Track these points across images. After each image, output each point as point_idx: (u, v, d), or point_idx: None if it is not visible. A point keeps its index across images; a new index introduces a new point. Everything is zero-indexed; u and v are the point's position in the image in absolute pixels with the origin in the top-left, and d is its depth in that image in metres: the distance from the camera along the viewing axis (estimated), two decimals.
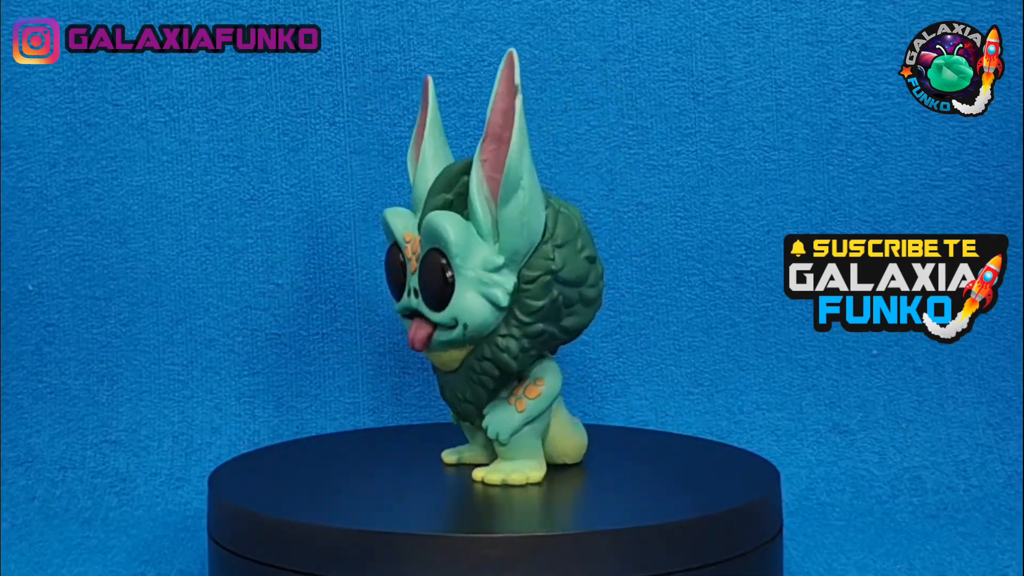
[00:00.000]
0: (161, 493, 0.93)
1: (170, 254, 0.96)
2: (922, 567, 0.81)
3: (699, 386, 0.97)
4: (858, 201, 0.97)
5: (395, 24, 0.96)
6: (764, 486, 0.73)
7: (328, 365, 0.96)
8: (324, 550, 0.66)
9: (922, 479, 0.94)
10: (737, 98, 0.97)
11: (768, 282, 0.97)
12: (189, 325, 0.96)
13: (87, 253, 0.96)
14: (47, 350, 0.96)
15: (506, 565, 0.63)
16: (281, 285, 0.96)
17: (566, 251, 0.71)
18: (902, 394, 0.97)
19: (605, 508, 0.70)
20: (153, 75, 0.96)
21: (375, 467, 0.77)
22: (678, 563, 0.66)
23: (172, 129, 0.96)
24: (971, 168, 0.98)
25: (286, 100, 0.96)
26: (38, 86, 0.96)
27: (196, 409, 0.96)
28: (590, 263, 0.72)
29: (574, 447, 0.76)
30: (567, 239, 0.71)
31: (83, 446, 0.95)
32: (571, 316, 0.72)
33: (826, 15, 0.97)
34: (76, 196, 0.96)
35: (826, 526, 0.88)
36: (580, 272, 0.72)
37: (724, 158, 0.97)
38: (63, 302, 0.96)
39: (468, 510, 0.70)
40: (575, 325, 0.73)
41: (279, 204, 0.96)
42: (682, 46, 0.97)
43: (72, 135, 0.96)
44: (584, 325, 0.73)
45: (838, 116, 0.97)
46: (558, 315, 0.72)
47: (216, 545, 0.71)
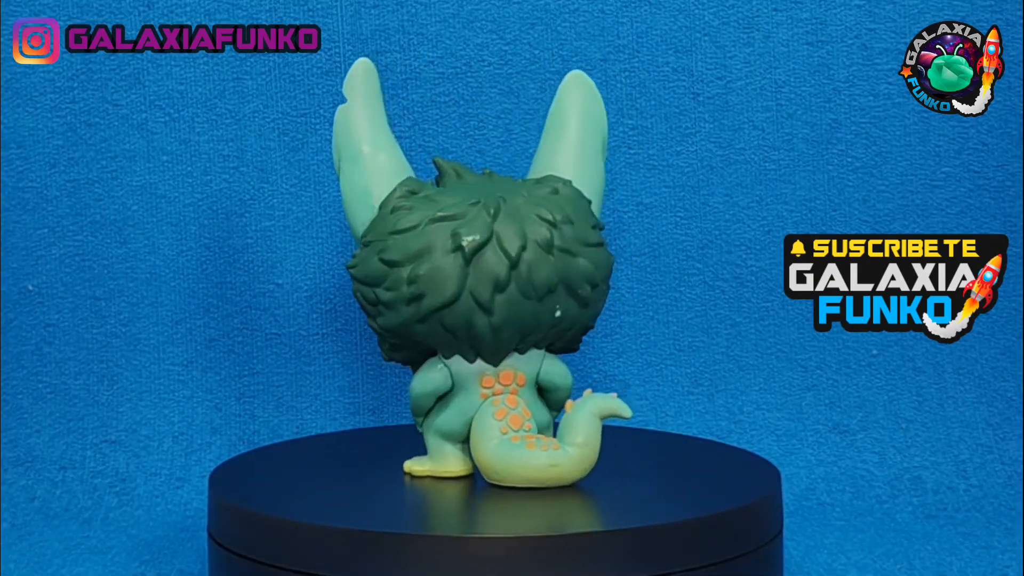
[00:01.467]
0: (161, 493, 0.93)
1: (170, 254, 0.96)
2: (922, 567, 0.81)
3: (699, 386, 0.97)
4: (858, 201, 0.97)
5: (395, 24, 0.96)
6: (764, 486, 0.72)
7: (328, 365, 0.96)
8: (324, 550, 0.65)
9: (922, 479, 0.94)
10: (737, 98, 0.97)
11: (768, 282, 0.97)
12: (189, 325, 0.96)
13: (87, 253, 0.96)
14: (47, 350, 0.96)
15: (506, 565, 0.63)
16: (281, 285, 0.96)
17: (366, 251, 0.72)
18: (902, 394, 0.97)
19: (604, 508, 0.70)
20: (153, 75, 0.96)
21: (375, 467, 0.77)
22: (678, 563, 0.66)
23: (172, 129, 0.96)
24: (971, 168, 0.98)
25: (286, 100, 0.96)
26: (38, 86, 0.96)
27: (196, 409, 0.96)
28: (387, 266, 0.71)
29: (499, 469, 0.72)
30: (373, 239, 0.72)
31: (83, 446, 0.95)
32: (381, 316, 0.73)
33: (826, 15, 0.97)
34: (76, 196, 0.96)
35: (826, 526, 0.88)
36: (371, 273, 0.72)
37: (724, 158, 0.97)
38: (63, 302, 0.96)
39: (468, 510, 0.70)
40: (388, 325, 0.73)
41: (279, 204, 0.96)
42: (682, 46, 0.97)
43: (72, 135, 0.96)
44: (397, 325, 0.72)
45: (838, 116, 0.97)
46: (371, 313, 0.73)
47: (216, 545, 0.71)
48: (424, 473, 0.74)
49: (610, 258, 0.74)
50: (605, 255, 0.74)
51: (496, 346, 0.72)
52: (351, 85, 0.76)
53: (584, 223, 0.73)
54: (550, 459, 0.70)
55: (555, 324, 0.72)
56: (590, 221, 0.73)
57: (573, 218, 0.72)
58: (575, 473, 0.71)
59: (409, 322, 0.72)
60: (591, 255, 0.72)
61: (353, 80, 0.76)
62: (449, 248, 0.70)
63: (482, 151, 0.96)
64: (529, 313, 0.71)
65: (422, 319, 0.71)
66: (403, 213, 0.72)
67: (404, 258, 0.71)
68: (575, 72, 0.77)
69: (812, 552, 0.83)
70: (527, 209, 0.72)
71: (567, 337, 0.74)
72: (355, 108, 0.76)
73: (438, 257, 0.71)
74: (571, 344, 0.76)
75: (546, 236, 0.71)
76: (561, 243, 0.71)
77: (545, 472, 0.70)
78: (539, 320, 0.72)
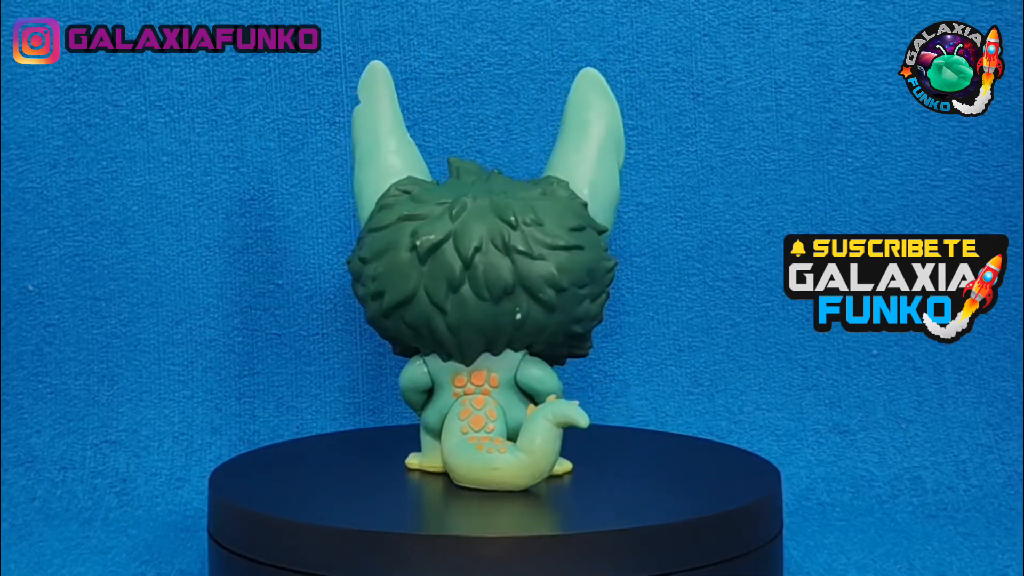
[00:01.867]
0: (161, 493, 0.93)
1: (170, 254, 0.96)
2: (922, 567, 0.80)
3: (699, 386, 0.97)
4: (858, 201, 0.97)
5: (395, 24, 0.96)
6: (764, 486, 0.72)
7: (328, 365, 0.96)
8: (324, 550, 0.65)
9: (922, 479, 0.94)
10: (737, 98, 0.97)
11: (768, 282, 0.97)
12: (189, 325, 0.96)
13: (87, 254, 0.96)
14: (47, 350, 0.96)
15: (505, 565, 0.63)
16: (281, 285, 0.96)
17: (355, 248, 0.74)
18: (902, 394, 0.97)
19: (605, 508, 0.69)
20: (153, 76, 0.96)
21: (375, 467, 0.77)
22: (679, 563, 0.66)
23: (172, 130, 0.96)
24: (971, 168, 0.98)
25: (286, 100, 0.96)
26: (38, 87, 0.96)
27: (196, 409, 0.96)
28: (361, 263, 0.73)
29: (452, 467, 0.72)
30: (360, 236, 0.74)
31: (83, 446, 0.95)
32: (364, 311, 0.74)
33: (826, 15, 0.97)
34: (76, 197, 0.96)
35: (826, 526, 0.88)
36: (353, 269, 0.74)
37: (724, 158, 0.97)
38: (63, 302, 0.96)
39: (467, 511, 0.70)
40: (367, 319, 0.74)
41: (279, 204, 0.96)
42: (682, 46, 0.97)
43: (72, 136, 0.96)
44: (370, 320, 0.74)
45: (838, 116, 0.97)
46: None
47: (216, 545, 0.71)
48: (415, 467, 0.75)
49: (594, 262, 0.73)
50: (579, 259, 0.72)
51: (459, 346, 0.72)
52: (365, 87, 0.77)
53: (559, 226, 0.72)
54: (488, 462, 0.70)
55: (518, 327, 0.72)
56: (569, 224, 0.72)
57: (544, 220, 0.71)
58: (518, 479, 0.70)
59: (376, 318, 0.73)
60: (557, 258, 0.71)
61: (367, 82, 0.77)
62: (407, 246, 0.71)
63: (482, 151, 0.96)
64: (486, 314, 0.71)
65: (385, 315, 0.73)
66: (384, 212, 0.73)
67: (372, 255, 0.72)
68: (589, 70, 0.77)
69: (812, 552, 0.83)
70: (496, 210, 0.71)
71: (544, 341, 0.73)
72: (368, 109, 0.77)
73: (397, 255, 0.71)
74: (567, 350, 0.75)
75: (504, 237, 0.71)
76: (522, 245, 0.71)
77: (487, 475, 0.70)
78: (498, 322, 0.71)
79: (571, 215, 0.72)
